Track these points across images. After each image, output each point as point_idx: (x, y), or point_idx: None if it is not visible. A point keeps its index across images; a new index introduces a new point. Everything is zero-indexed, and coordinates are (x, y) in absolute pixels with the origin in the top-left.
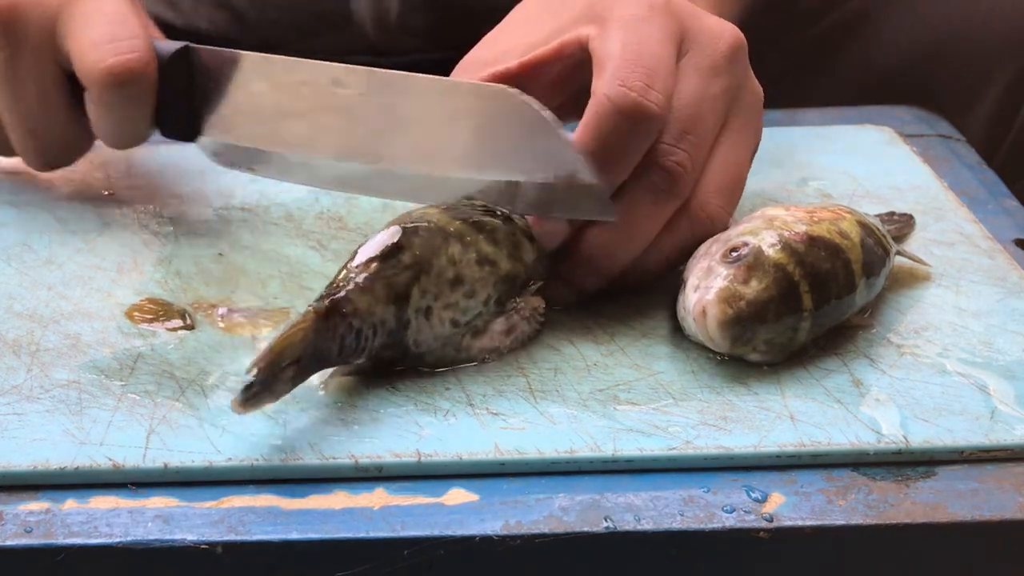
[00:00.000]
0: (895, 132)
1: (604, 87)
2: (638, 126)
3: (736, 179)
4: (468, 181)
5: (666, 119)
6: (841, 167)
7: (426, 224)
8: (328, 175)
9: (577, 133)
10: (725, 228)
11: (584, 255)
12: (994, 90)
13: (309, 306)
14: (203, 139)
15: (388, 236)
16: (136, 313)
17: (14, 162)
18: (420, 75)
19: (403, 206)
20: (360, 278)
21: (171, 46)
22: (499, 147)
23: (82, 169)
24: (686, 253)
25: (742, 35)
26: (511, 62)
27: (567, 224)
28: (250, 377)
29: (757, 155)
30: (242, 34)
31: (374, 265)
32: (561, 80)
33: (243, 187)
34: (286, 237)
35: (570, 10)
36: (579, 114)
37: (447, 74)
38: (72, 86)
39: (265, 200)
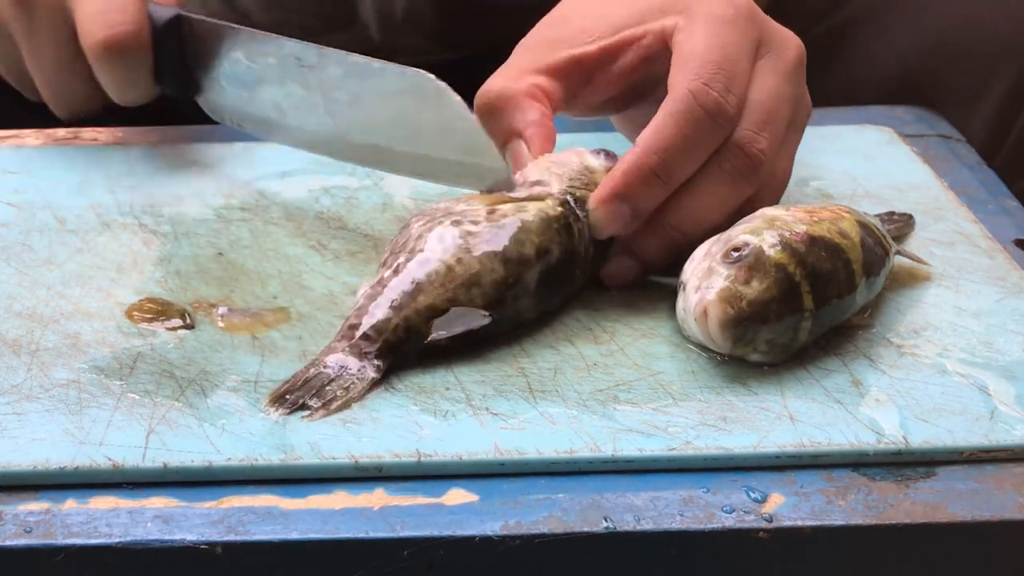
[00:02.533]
0: (895, 132)
1: (688, 82)
2: (714, 123)
3: (786, 178)
4: (398, 154)
5: (738, 122)
6: (841, 167)
7: (510, 310)
8: (301, 139)
9: (656, 120)
10: None
11: (659, 229)
12: (994, 90)
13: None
14: (201, 97)
15: (477, 324)
16: (136, 313)
17: (13, 162)
18: (374, 60)
19: (401, 207)
20: (423, 341)
21: (166, 13)
22: (421, 126)
23: (82, 169)
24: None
25: (803, 47)
26: (591, 46)
27: (638, 267)
28: None
29: None
30: None
31: (444, 341)
32: (629, 69)
33: (243, 187)
34: (286, 237)
35: None
36: (626, 107)
37: (455, 76)
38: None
39: (265, 200)
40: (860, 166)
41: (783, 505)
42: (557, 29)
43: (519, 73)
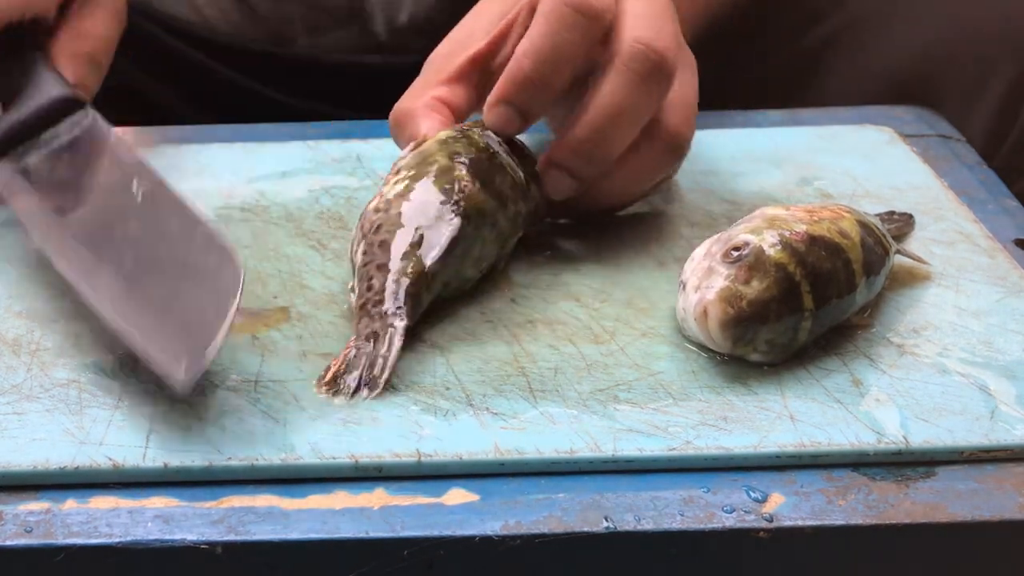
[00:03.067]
0: (895, 132)
1: None
2: (582, 17)
3: (692, 99)
4: None
5: (607, 20)
6: (841, 167)
7: (469, 204)
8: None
9: (528, 31)
10: (688, 144)
11: (578, 138)
12: (994, 90)
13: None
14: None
15: (452, 229)
16: None
17: None
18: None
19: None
20: (427, 278)
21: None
22: None
23: None
24: (653, 174)
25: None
26: (479, 44)
27: (568, 179)
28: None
29: (757, 155)
30: (254, 28)
31: (439, 264)
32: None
33: (243, 187)
34: (286, 237)
35: None
36: None
37: None
38: None
39: (265, 200)
40: (860, 166)
41: (783, 505)
42: (452, 40)
43: (421, 90)
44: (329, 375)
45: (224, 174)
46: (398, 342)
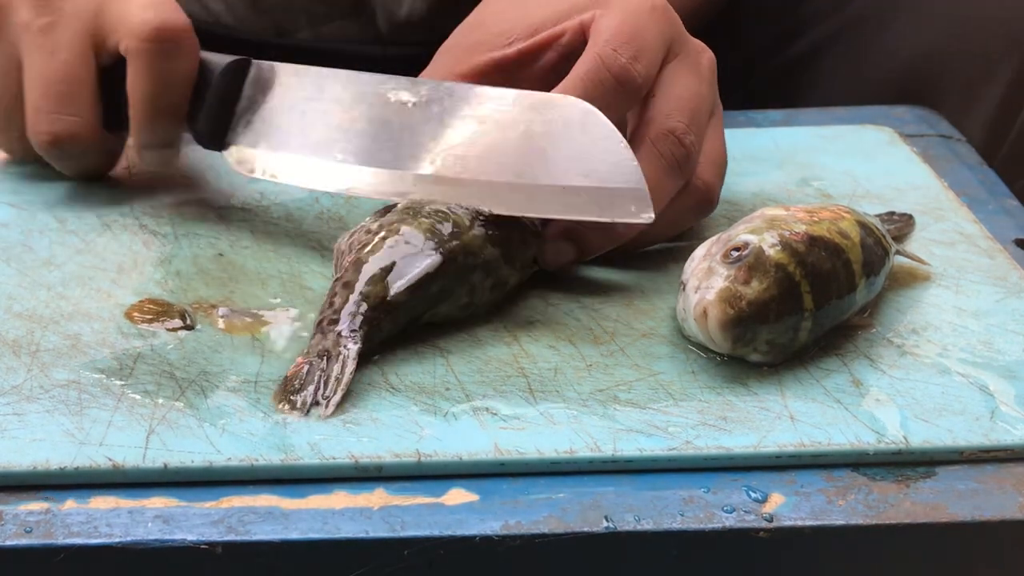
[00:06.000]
0: (895, 132)
1: (597, 48)
2: (620, 88)
3: (723, 157)
4: (524, 187)
5: (644, 93)
6: (841, 167)
7: (459, 245)
8: (370, 181)
9: (563, 84)
10: (718, 197)
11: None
12: (994, 90)
13: (344, 342)
14: (232, 148)
15: (428, 264)
16: (136, 313)
17: (13, 162)
18: (483, 87)
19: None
20: (389, 307)
21: (224, 57)
22: (560, 154)
23: None
24: (683, 226)
25: (715, 57)
26: (509, 49)
27: (575, 253)
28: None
29: (757, 155)
30: (258, 20)
31: (404, 295)
32: (550, 69)
33: (243, 187)
34: (286, 237)
35: None
36: None
37: None
38: (102, 78)
39: (265, 200)
40: (860, 166)
41: (783, 505)
42: (474, 34)
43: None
44: (283, 391)
45: (224, 174)
46: (351, 365)
